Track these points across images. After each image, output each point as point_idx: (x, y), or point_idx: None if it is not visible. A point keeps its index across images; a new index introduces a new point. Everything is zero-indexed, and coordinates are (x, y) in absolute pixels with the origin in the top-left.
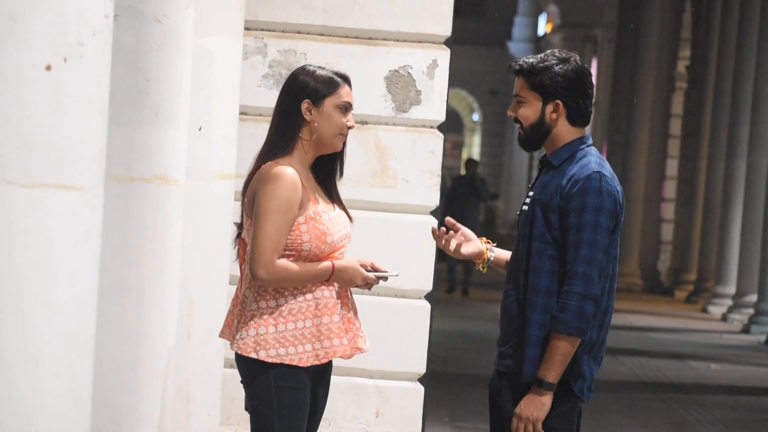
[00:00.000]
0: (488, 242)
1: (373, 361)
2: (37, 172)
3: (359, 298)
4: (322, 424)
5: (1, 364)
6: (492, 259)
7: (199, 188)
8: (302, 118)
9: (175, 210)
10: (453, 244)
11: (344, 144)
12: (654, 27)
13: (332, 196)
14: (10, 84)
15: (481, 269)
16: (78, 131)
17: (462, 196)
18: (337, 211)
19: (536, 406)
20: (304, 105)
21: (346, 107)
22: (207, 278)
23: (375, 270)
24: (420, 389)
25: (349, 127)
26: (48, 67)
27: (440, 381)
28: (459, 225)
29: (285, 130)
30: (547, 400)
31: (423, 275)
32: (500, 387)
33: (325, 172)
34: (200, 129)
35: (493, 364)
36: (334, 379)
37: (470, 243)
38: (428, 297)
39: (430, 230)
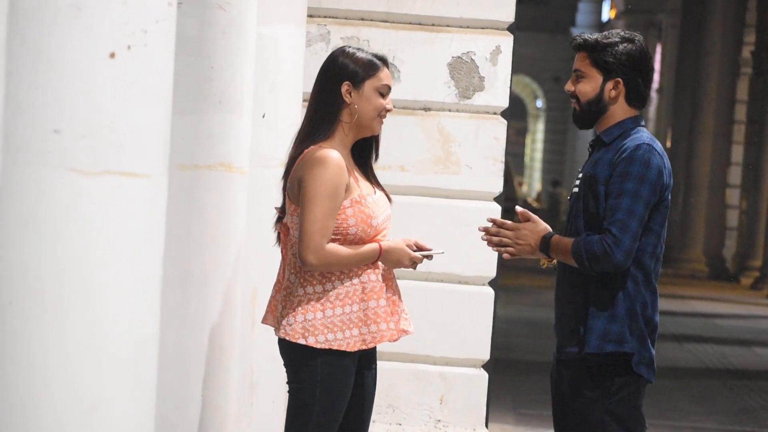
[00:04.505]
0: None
1: (437, 347)
2: (101, 160)
3: (423, 285)
4: (386, 410)
5: (67, 351)
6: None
7: (263, 175)
8: (342, 100)
9: (238, 197)
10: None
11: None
12: (718, 12)
13: (370, 178)
14: (75, 72)
15: (542, 265)
16: (142, 119)
17: None
18: (378, 193)
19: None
20: (344, 87)
21: (385, 90)
22: (270, 265)
23: (420, 248)
24: (484, 376)
25: (388, 110)
26: (112, 55)
27: (504, 368)
28: (529, 214)
29: (325, 113)
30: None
31: (487, 262)
32: (561, 375)
33: (363, 154)
34: (264, 116)
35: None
36: (398, 366)
37: None
38: (492, 283)
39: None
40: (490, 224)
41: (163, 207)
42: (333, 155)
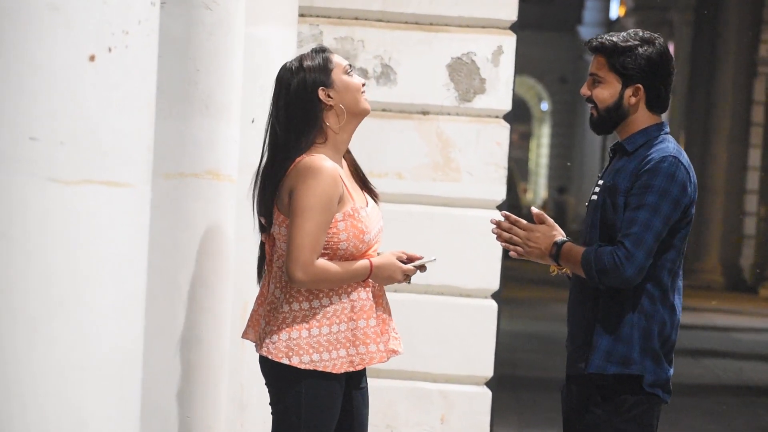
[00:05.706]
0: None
1: (438, 364)
2: (81, 168)
3: (422, 298)
4: (384, 430)
5: (48, 369)
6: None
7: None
8: (322, 106)
9: (227, 206)
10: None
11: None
12: (734, 9)
13: (361, 182)
14: (53, 76)
15: (551, 272)
16: (124, 125)
17: None
18: (371, 204)
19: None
20: (321, 93)
21: (350, 69)
22: None
23: (410, 259)
24: (487, 393)
25: (363, 84)
26: (92, 58)
27: (509, 385)
28: (544, 216)
29: (311, 127)
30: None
31: (489, 273)
32: (571, 391)
33: (353, 157)
34: (253, 121)
35: (564, 368)
36: (397, 383)
37: None
38: (495, 296)
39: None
40: (502, 218)
41: (147, 218)
42: (327, 165)
